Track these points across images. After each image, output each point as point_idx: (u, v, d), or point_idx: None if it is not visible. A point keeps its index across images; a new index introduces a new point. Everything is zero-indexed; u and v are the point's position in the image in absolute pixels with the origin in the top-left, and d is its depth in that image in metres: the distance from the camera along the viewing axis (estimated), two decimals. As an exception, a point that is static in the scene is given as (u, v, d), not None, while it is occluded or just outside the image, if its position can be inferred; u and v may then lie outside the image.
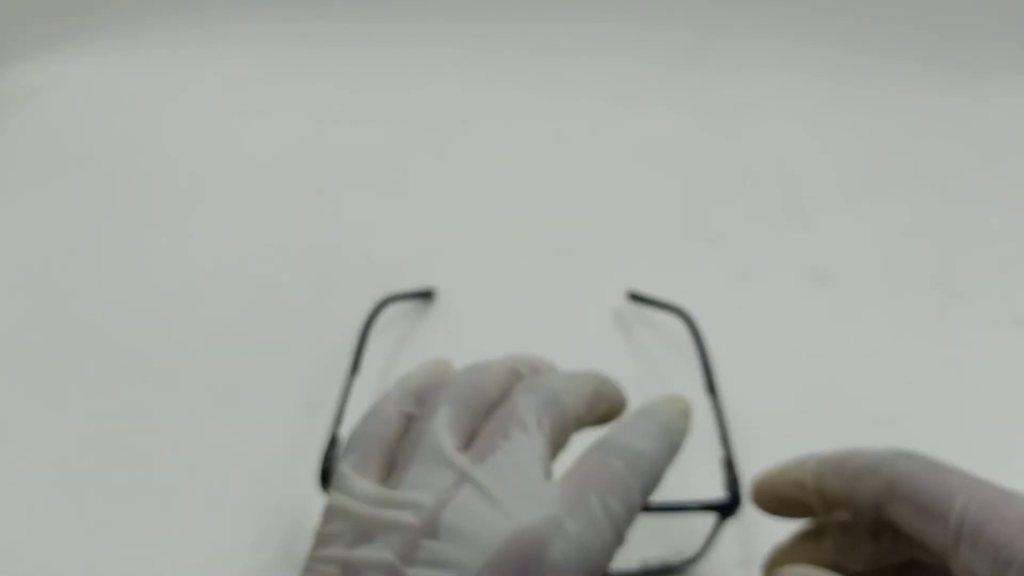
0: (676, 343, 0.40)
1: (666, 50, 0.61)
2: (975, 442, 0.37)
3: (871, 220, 0.49)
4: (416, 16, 0.61)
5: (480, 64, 0.60)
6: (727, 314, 0.42)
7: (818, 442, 0.36)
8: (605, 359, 0.40)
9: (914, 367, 0.40)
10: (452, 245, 0.46)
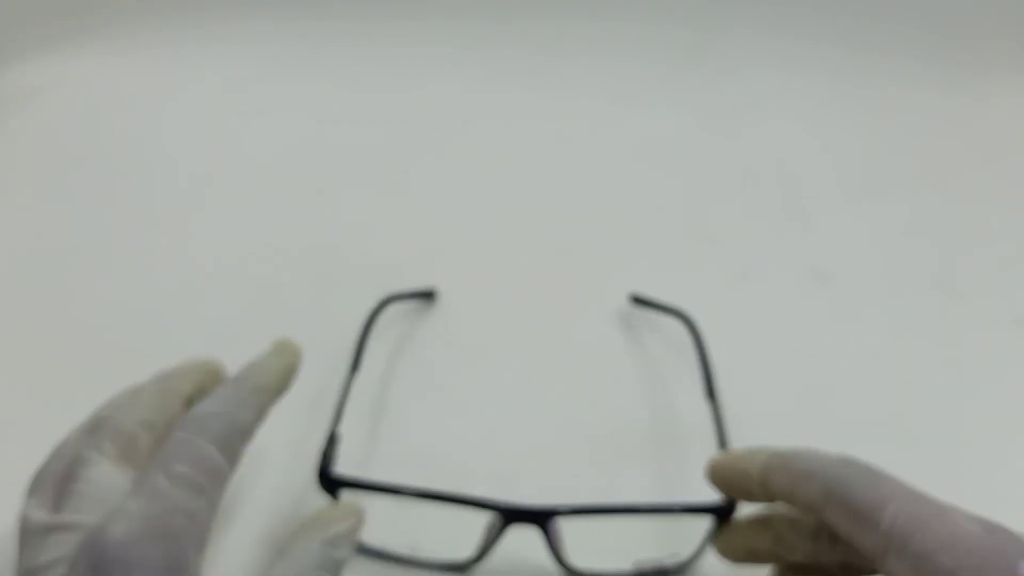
0: (677, 345, 0.40)
1: (666, 50, 0.61)
2: (975, 442, 0.37)
3: (871, 220, 0.49)
4: (416, 16, 0.61)
5: (480, 64, 0.60)
6: (727, 314, 0.42)
7: (818, 442, 0.36)
8: (605, 359, 0.41)
9: (914, 367, 0.40)
10: (452, 245, 0.46)
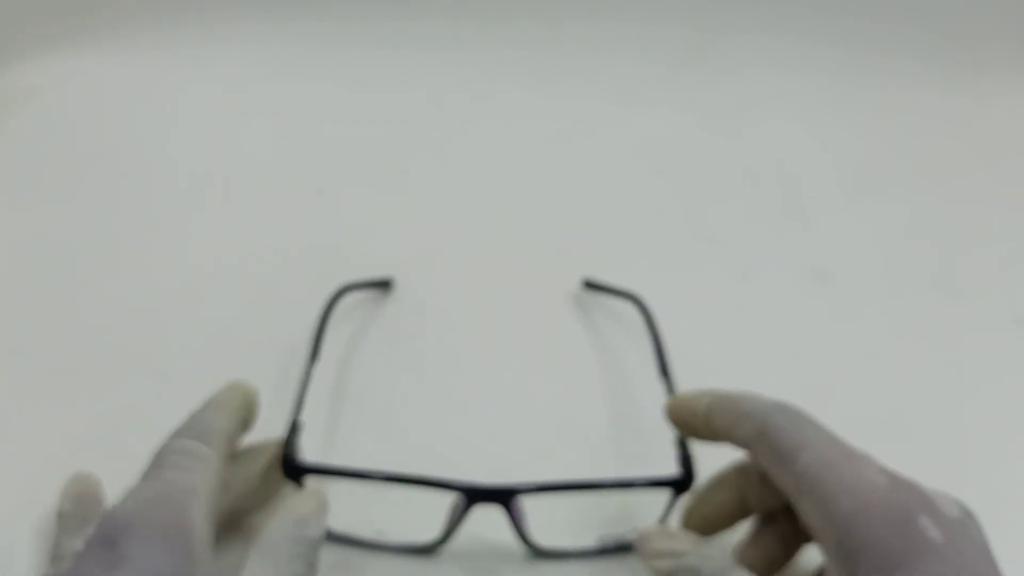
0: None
1: (666, 50, 0.61)
2: (975, 442, 0.37)
3: (871, 220, 0.49)
4: (416, 16, 0.61)
5: (480, 64, 0.60)
6: (727, 314, 0.42)
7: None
8: (606, 359, 0.41)
9: (914, 367, 0.40)
10: (453, 245, 0.46)
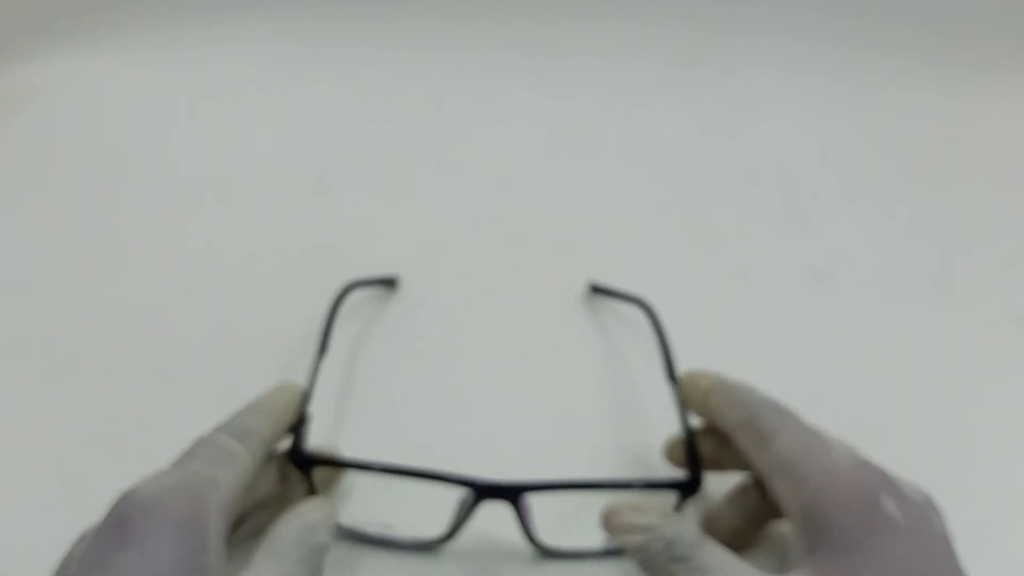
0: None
1: (666, 50, 0.61)
2: (975, 442, 0.37)
3: (871, 220, 0.49)
4: (416, 17, 0.61)
5: (480, 64, 0.60)
6: (727, 314, 0.42)
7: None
8: (611, 360, 0.41)
9: (914, 367, 0.40)
10: (452, 245, 0.46)
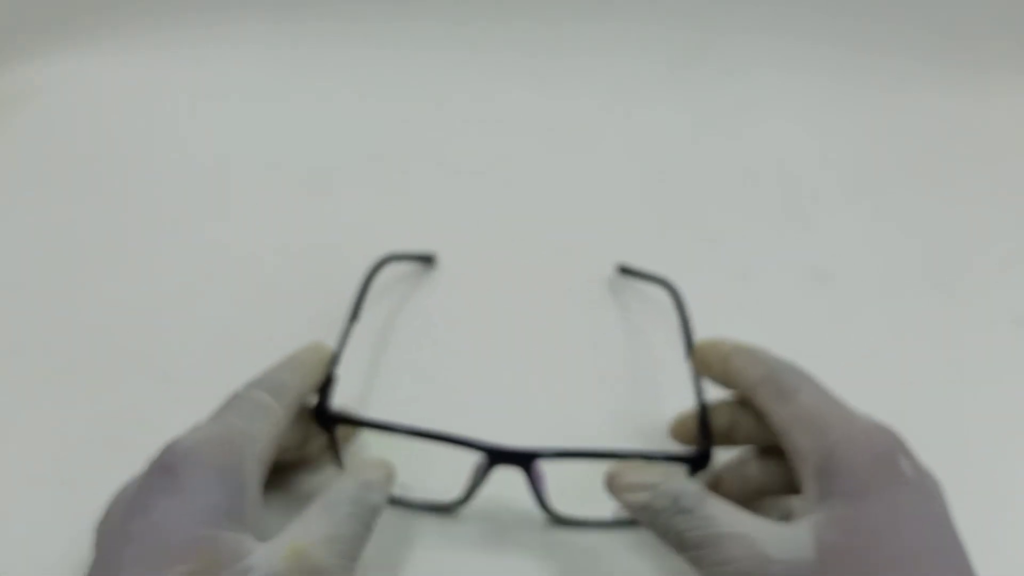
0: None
1: (666, 50, 0.61)
2: (975, 442, 0.37)
3: (871, 220, 0.49)
4: (416, 17, 0.61)
5: (480, 64, 0.60)
6: (727, 314, 0.42)
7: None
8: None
9: (914, 367, 0.40)
10: (452, 246, 0.46)
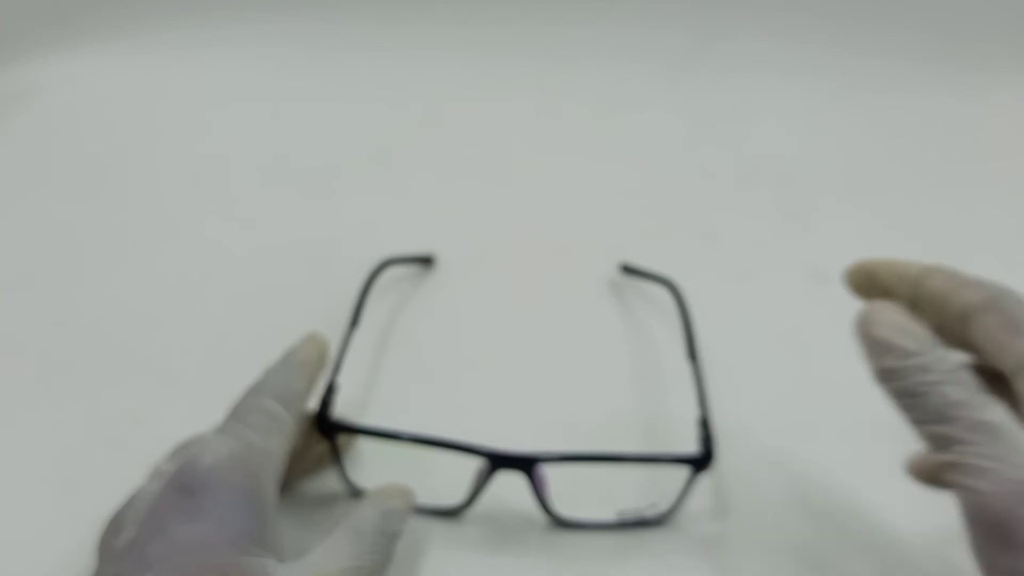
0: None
1: (666, 51, 0.61)
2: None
3: (871, 220, 0.49)
4: (416, 19, 0.61)
5: (480, 67, 0.60)
6: (727, 314, 0.42)
7: (817, 441, 0.36)
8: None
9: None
10: (451, 246, 0.46)
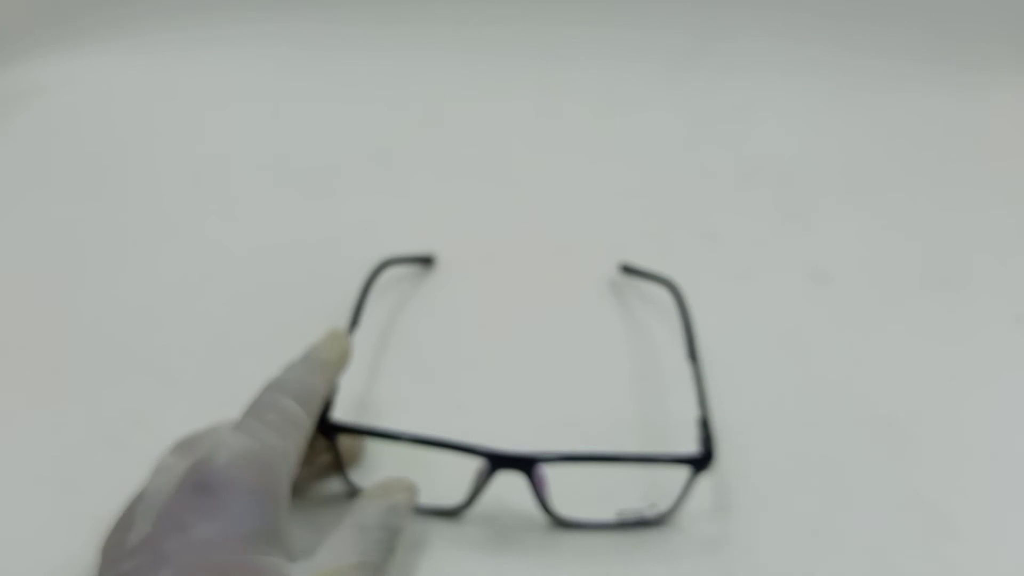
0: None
1: (666, 51, 0.61)
2: (975, 442, 0.37)
3: (871, 220, 0.49)
4: (416, 19, 0.61)
5: (480, 67, 0.60)
6: (727, 315, 0.42)
7: (816, 441, 0.36)
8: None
9: (914, 367, 0.40)
10: (451, 247, 0.46)
